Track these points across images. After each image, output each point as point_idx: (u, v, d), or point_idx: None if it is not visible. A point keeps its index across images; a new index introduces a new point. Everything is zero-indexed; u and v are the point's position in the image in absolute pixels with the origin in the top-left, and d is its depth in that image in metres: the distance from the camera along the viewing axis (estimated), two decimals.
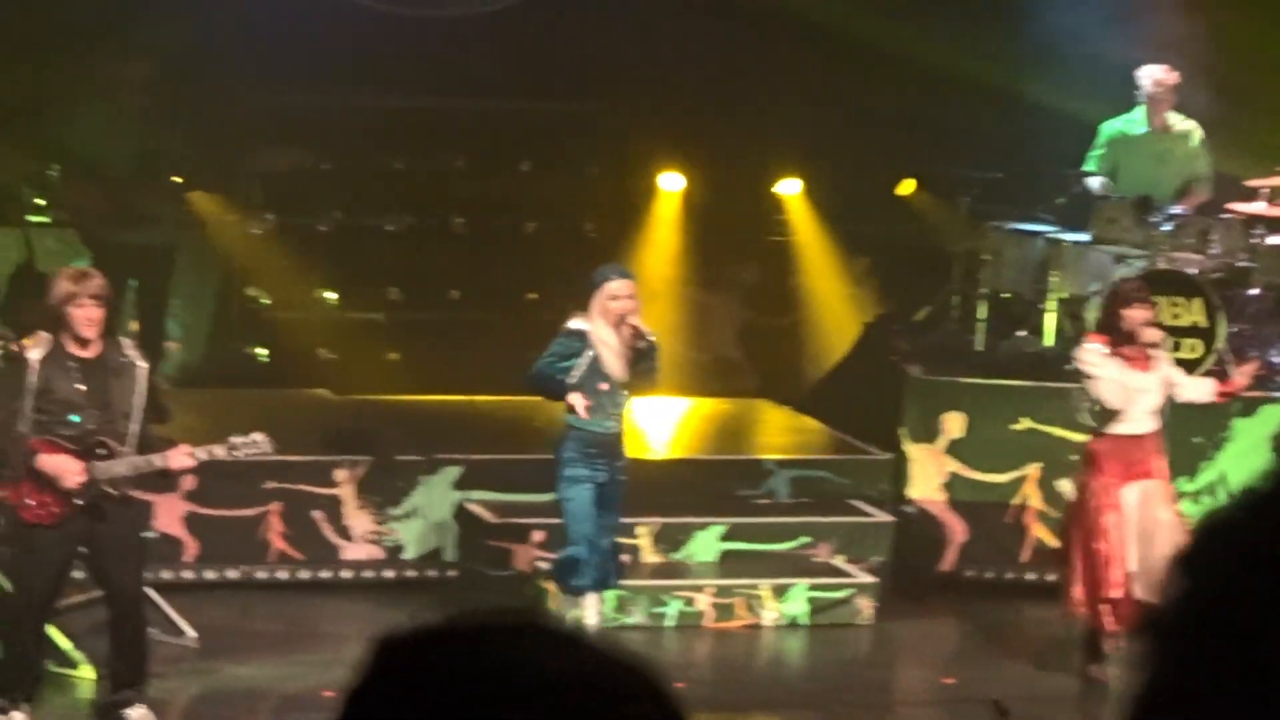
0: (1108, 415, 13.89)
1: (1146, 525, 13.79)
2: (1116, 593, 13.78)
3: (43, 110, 16.32)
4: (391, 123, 18.43)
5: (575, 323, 13.15)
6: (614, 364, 13.11)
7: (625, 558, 14.26)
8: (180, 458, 12.41)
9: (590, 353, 13.14)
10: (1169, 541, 13.57)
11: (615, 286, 13.20)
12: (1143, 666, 1.87)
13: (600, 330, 13.11)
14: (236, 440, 12.71)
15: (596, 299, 13.18)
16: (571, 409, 13.22)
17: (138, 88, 16.13)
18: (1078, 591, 14.01)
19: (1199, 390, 14.32)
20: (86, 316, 12.16)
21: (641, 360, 13.29)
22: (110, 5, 16.40)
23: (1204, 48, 17.39)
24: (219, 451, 12.61)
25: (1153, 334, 13.91)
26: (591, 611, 13.89)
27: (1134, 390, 13.78)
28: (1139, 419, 13.89)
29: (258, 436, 12.79)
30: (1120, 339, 13.80)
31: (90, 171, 15.95)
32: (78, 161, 16.15)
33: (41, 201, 17.00)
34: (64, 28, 16.35)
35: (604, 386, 13.27)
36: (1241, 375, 14.54)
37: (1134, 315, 13.83)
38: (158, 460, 12.33)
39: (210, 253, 17.36)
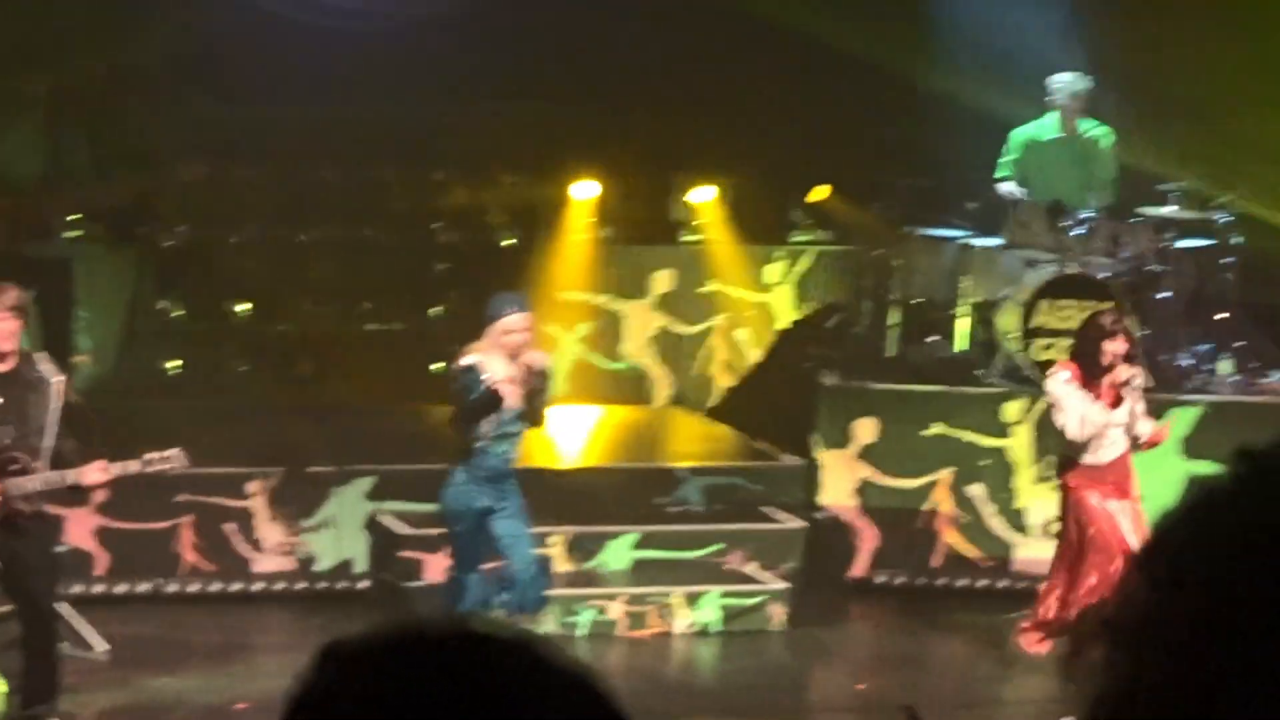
0: (1070, 446, 13.82)
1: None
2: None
3: None
4: (305, 131, 18.24)
5: (467, 359, 12.98)
6: (509, 394, 12.97)
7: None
8: (94, 473, 12.32)
9: (483, 386, 12.96)
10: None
11: (511, 321, 13.03)
12: (1100, 670, 1.84)
13: (494, 363, 12.93)
14: (151, 456, 12.60)
15: (491, 331, 13.03)
16: (473, 439, 13.11)
17: (39, 102, 16.09)
18: (1037, 619, 14.10)
19: (1145, 430, 14.10)
20: (7, 332, 12.20)
21: (534, 393, 13.11)
22: (13, 22, 16.31)
23: (1116, 55, 17.53)
24: (133, 466, 12.52)
25: (1128, 371, 13.77)
26: None
27: (1098, 424, 13.69)
28: (1106, 448, 13.81)
29: (172, 452, 12.69)
30: (1094, 370, 13.69)
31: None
32: None
33: None
34: None
35: (499, 417, 13.19)
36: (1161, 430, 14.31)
37: (1112, 347, 13.73)
38: (71, 476, 12.23)
39: (120, 265, 17.29)
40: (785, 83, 18.15)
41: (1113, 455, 13.86)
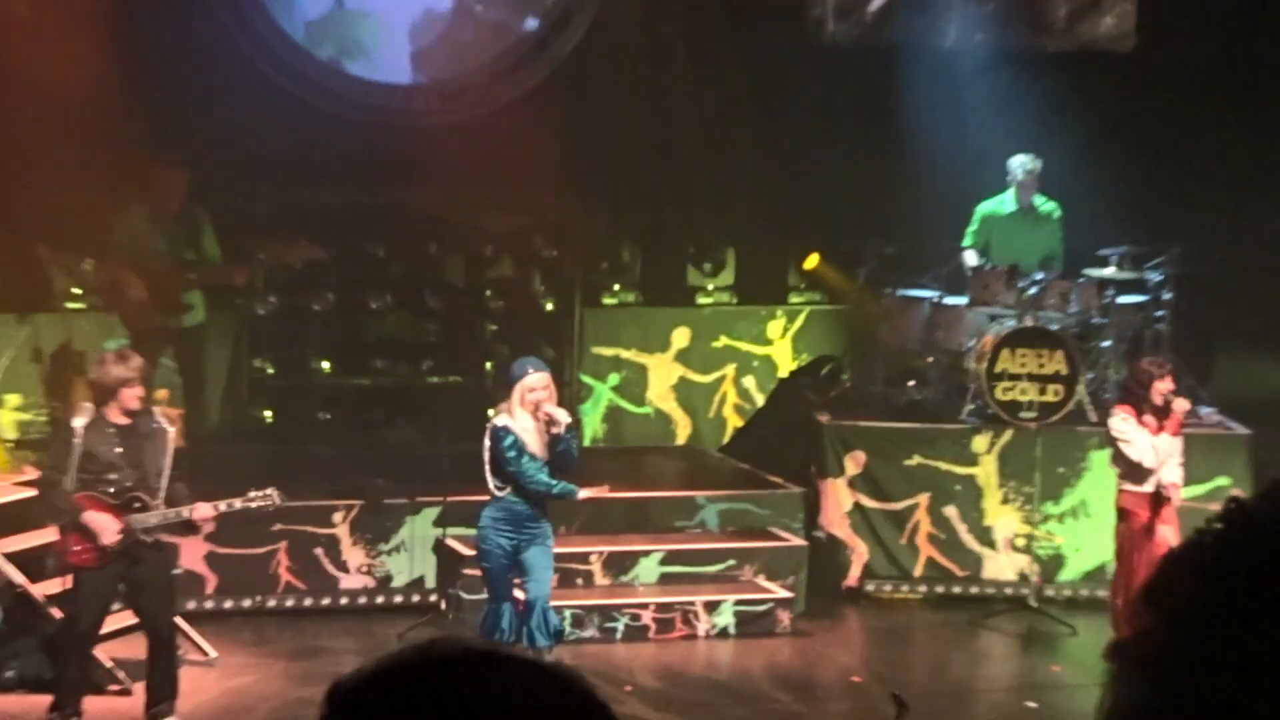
0: (1141, 473, 13.74)
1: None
2: None
3: (89, 215, 16.17)
4: (374, 217, 18.28)
5: (499, 420, 12.79)
6: (535, 445, 12.78)
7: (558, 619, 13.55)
8: (204, 510, 12.50)
9: (514, 438, 12.78)
10: None
11: (531, 380, 12.84)
12: (1111, 689, 1.75)
13: (520, 419, 12.72)
14: (252, 494, 12.79)
15: (516, 390, 12.81)
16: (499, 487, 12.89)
17: (173, 195, 16.07)
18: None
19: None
20: (136, 395, 12.33)
21: (559, 443, 12.79)
22: (144, 124, 16.33)
23: (1065, 139, 17.56)
24: (237, 504, 12.69)
25: (1183, 403, 13.81)
26: None
27: (1161, 452, 13.68)
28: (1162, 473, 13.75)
29: (270, 490, 12.84)
30: (1147, 408, 13.68)
31: (131, 265, 15.80)
32: (120, 257, 16.01)
33: (78, 290, 16.85)
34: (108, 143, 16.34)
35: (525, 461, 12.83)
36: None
37: (1163, 387, 13.76)
38: (185, 513, 12.41)
39: (223, 331, 17.25)
40: (782, 168, 18.14)
41: (1167, 478, 13.81)
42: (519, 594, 13.01)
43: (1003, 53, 18.67)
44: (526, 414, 12.77)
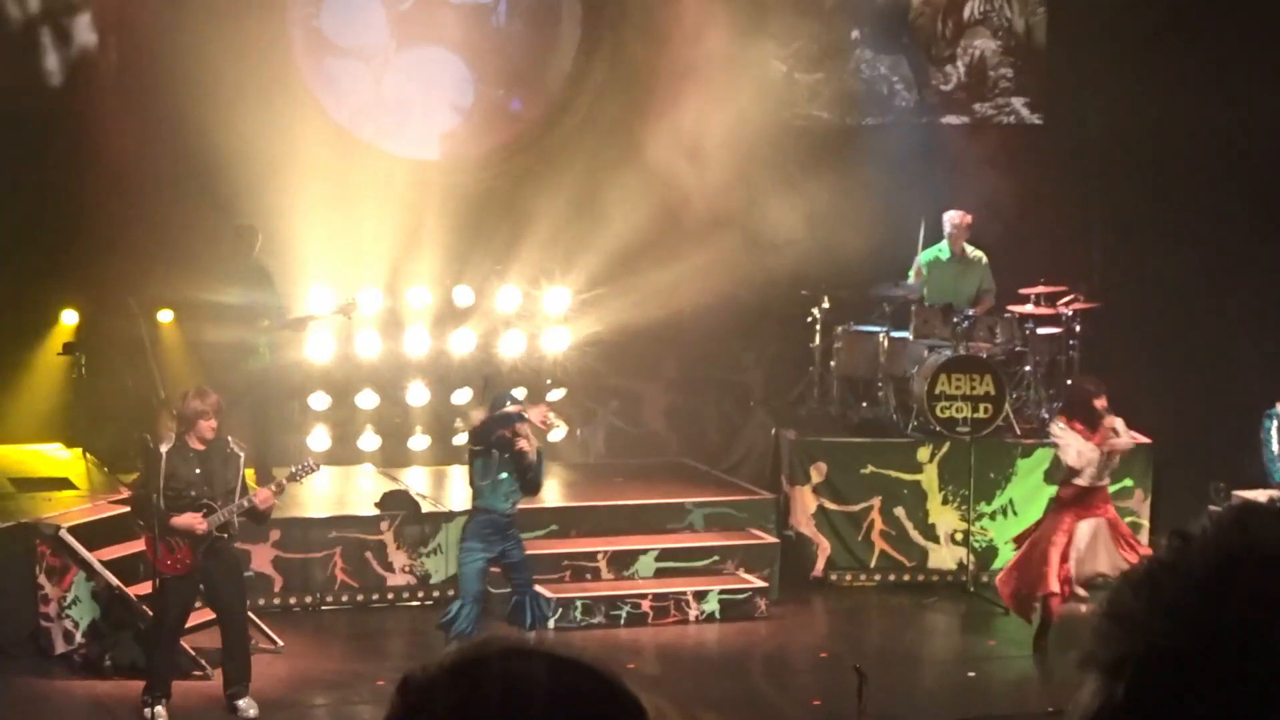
0: (1070, 473, 13.82)
1: (1092, 546, 13.75)
2: (1051, 589, 13.79)
3: (174, 269, 16.09)
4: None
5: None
6: (509, 464, 12.72)
7: (547, 594, 13.73)
8: (263, 494, 12.60)
9: (494, 452, 12.70)
10: (1109, 557, 13.68)
11: (533, 409, 12.86)
12: (1084, 697, 1.65)
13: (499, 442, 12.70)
14: (294, 468, 12.88)
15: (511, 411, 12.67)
16: (478, 494, 12.85)
17: (247, 251, 15.96)
18: (1006, 589, 14.15)
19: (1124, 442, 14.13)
20: (210, 426, 12.44)
21: (528, 469, 12.67)
22: (222, 190, 16.21)
23: (992, 196, 17.61)
24: (285, 482, 12.87)
25: (1115, 420, 13.83)
26: None
27: (1091, 458, 13.73)
28: (1093, 475, 13.85)
29: (309, 460, 12.95)
30: (1085, 420, 13.71)
31: (209, 314, 15.70)
32: (200, 307, 15.88)
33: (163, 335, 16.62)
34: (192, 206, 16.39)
35: (501, 476, 12.81)
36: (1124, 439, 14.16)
37: (1103, 402, 13.82)
38: (247, 501, 12.48)
39: (287, 370, 16.98)
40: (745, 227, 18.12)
41: (1099, 483, 13.92)
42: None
43: (937, 126, 18.73)
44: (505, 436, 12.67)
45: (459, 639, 12.53)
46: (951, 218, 17.04)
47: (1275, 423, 15.37)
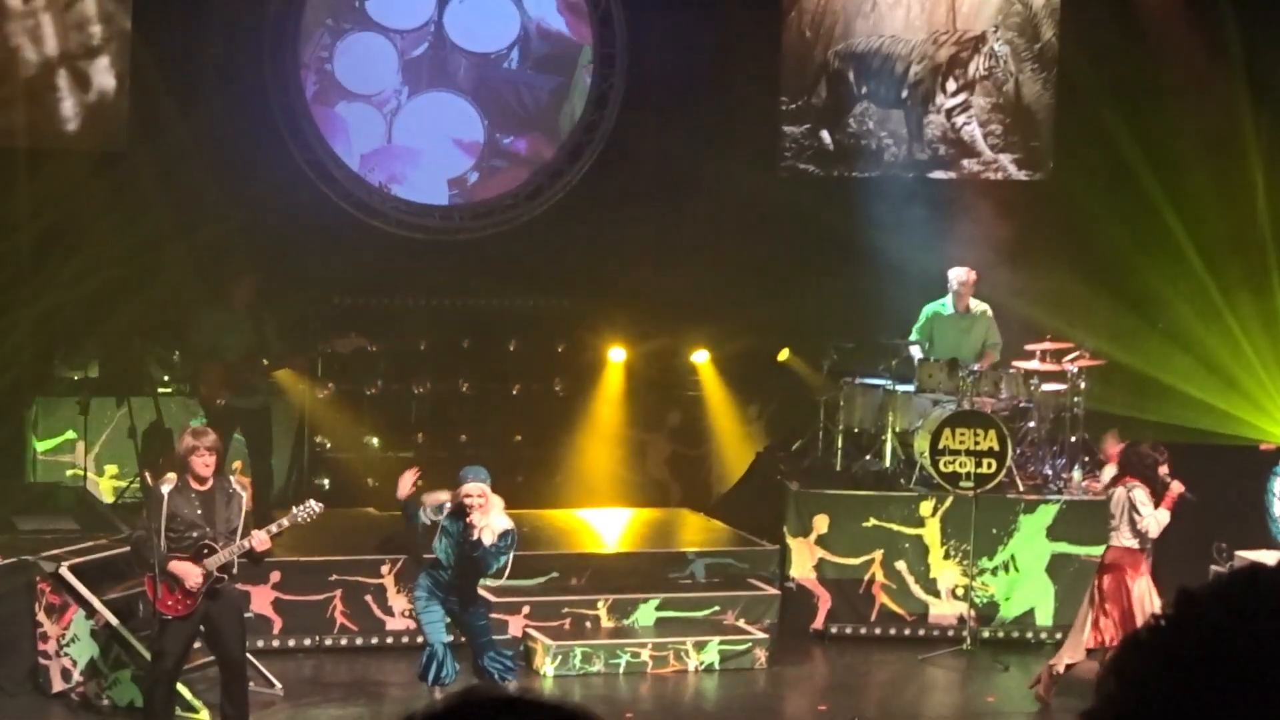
0: (1145, 538, 13.48)
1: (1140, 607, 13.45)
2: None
3: (177, 316, 16.22)
4: (415, 316, 18.28)
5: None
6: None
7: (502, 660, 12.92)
8: (259, 536, 12.17)
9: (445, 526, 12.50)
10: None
11: (468, 488, 12.36)
12: None
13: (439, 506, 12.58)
14: (295, 510, 12.44)
15: (458, 491, 12.44)
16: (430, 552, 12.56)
17: (244, 296, 16.00)
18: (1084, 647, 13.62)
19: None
20: (204, 463, 12.16)
21: (475, 548, 12.25)
22: (225, 237, 16.24)
23: (992, 254, 17.56)
24: (285, 523, 12.38)
25: (1178, 485, 13.56)
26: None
27: (1164, 521, 13.49)
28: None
29: (310, 503, 12.47)
30: (1155, 485, 13.48)
31: (209, 356, 15.77)
32: (200, 350, 16.01)
33: (167, 377, 16.89)
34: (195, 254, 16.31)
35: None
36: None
37: (1164, 470, 13.58)
38: (245, 543, 12.15)
39: (288, 411, 17.15)
40: (758, 281, 18.09)
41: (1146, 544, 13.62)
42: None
43: (943, 182, 18.76)
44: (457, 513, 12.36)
45: (440, 687, 12.50)
46: (957, 275, 16.99)
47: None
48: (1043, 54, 19.05)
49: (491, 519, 12.27)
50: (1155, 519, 13.48)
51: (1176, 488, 13.58)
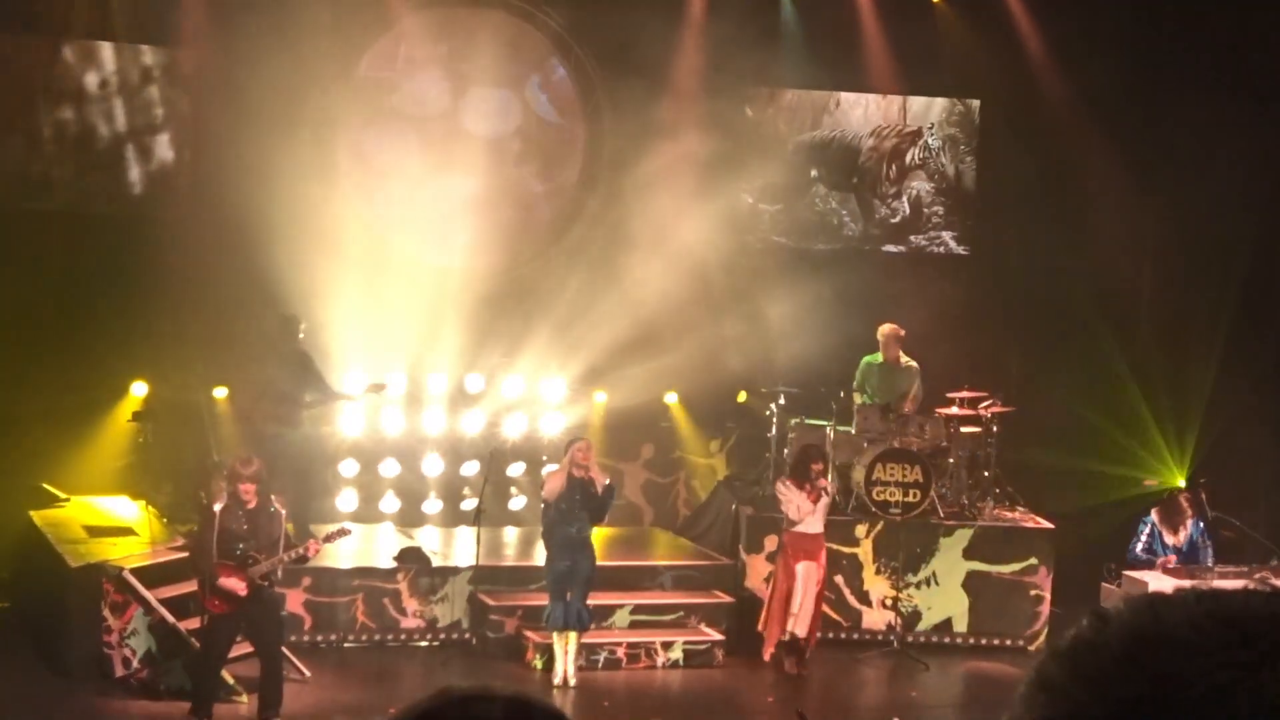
0: (791, 520, 14.42)
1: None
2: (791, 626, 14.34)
3: (227, 353, 16.21)
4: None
5: (548, 468, 13.89)
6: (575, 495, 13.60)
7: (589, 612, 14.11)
8: (315, 545, 12.65)
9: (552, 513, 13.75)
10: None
11: (576, 447, 13.82)
12: None
13: (555, 480, 13.83)
14: (330, 531, 13.04)
15: (568, 454, 13.85)
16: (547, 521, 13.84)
17: (291, 337, 15.81)
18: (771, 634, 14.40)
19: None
20: (248, 489, 12.45)
21: (597, 498, 13.76)
22: (270, 283, 16.21)
23: (927, 315, 17.69)
24: (322, 541, 12.86)
25: (827, 482, 14.50)
26: (559, 648, 13.95)
27: (805, 511, 14.41)
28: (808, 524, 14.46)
29: (344, 524, 13.21)
30: (800, 478, 14.43)
31: (258, 391, 15.61)
32: (247, 386, 15.88)
33: (218, 411, 16.59)
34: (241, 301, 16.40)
35: (565, 506, 13.63)
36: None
37: (818, 468, 14.38)
38: (297, 551, 12.53)
39: (311, 444, 16.63)
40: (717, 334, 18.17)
41: (812, 530, 14.43)
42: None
43: (879, 254, 18.87)
44: (574, 472, 13.69)
45: (551, 629, 13.98)
46: (884, 330, 17.08)
47: (1147, 529, 15.42)
48: (979, 148, 19.31)
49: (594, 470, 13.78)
50: (793, 504, 14.42)
51: (827, 484, 14.71)
